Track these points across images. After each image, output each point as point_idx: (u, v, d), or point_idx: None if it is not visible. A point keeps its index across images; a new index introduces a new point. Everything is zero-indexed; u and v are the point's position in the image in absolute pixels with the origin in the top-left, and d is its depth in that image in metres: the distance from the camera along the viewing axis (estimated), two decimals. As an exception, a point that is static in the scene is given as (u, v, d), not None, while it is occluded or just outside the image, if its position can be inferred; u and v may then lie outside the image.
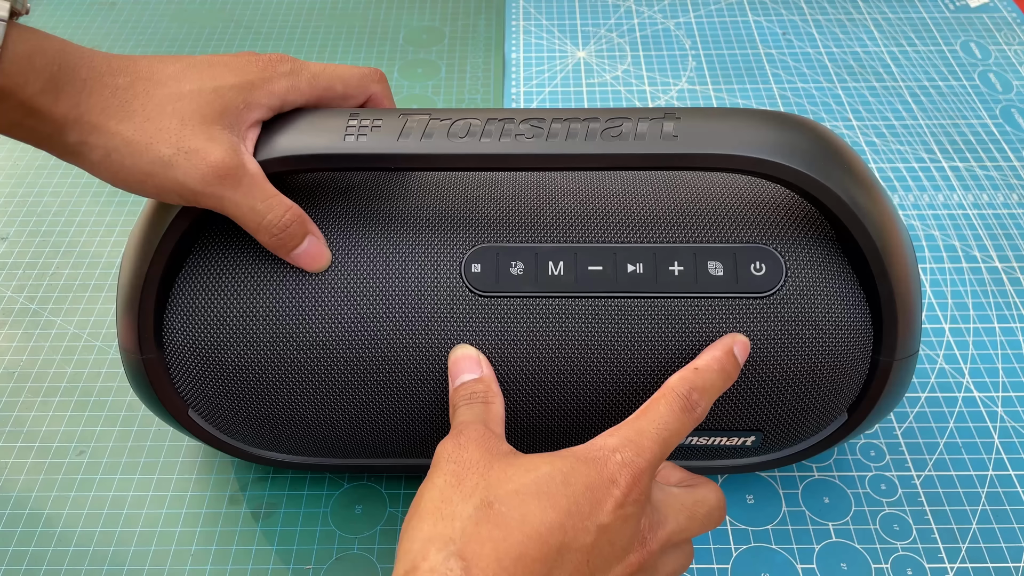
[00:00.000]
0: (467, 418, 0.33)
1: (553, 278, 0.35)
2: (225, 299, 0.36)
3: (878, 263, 0.34)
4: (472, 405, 0.34)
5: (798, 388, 0.36)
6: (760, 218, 0.36)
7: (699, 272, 0.35)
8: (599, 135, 0.33)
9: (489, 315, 0.35)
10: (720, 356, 0.34)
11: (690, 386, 0.32)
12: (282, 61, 0.35)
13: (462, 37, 0.74)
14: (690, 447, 0.39)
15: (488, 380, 0.35)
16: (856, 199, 0.33)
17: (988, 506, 0.43)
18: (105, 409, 0.48)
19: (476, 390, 0.34)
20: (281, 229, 0.34)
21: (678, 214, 0.36)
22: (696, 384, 0.33)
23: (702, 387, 0.33)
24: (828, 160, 0.34)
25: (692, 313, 0.35)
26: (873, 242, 0.34)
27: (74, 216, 0.59)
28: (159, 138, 0.32)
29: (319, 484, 0.44)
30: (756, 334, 0.35)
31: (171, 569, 0.41)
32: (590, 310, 0.35)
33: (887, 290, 0.34)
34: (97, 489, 0.44)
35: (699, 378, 0.33)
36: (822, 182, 0.33)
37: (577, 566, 0.29)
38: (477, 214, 0.37)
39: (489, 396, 0.34)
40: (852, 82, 0.69)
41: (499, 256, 0.36)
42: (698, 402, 0.32)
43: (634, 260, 0.35)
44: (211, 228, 0.37)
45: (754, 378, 0.36)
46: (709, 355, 0.34)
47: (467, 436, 0.32)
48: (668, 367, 0.35)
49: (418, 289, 0.35)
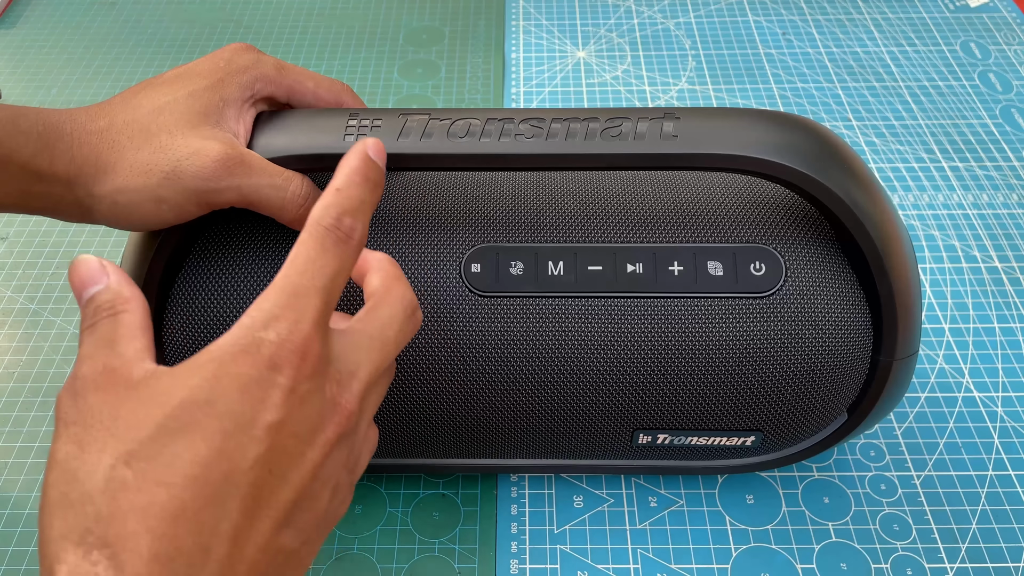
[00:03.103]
0: (86, 350, 0.26)
1: (553, 278, 0.35)
2: (225, 298, 0.36)
3: (878, 263, 0.34)
4: (94, 328, 0.26)
5: (798, 388, 0.36)
6: (760, 218, 0.36)
7: (699, 272, 0.35)
8: (599, 135, 0.33)
9: (489, 315, 0.35)
10: (359, 166, 0.29)
11: (338, 211, 0.27)
12: (243, 51, 0.36)
13: (462, 37, 0.74)
14: (689, 447, 0.39)
15: (116, 284, 0.27)
16: (856, 199, 0.33)
17: (988, 506, 0.43)
18: (105, 409, 0.48)
19: (100, 303, 0.26)
20: (305, 198, 0.34)
21: (678, 214, 0.37)
22: (344, 206, 0.27)
23: (352, 208, 0.28)
24: (828, 160, 0.34)
25: (692, 313, 0.35)
26: (873, 242, 0.34)
27: (74, 216, 0.59)
28: (155, 159, 0.32)
29: (319, 484, 0.44)
30: (756, 334, 0.35)
31: (171, 569, 0.41)
32: (590, 310, 0.35)
33: (887, 290, 0.34)
34: (97, 489, 0.44)
35: (344, 199, 0.28)
36: (822, 182, 0.33)
37: (256, 483, 0.24)
38: (477, 214, 0.37)
39: (117, 304, 0.26)
40: (852, 82, 0.69)
41: (499, 256, 0.36)
42: (353, 227, 0.27)
43: (634, 260, 0.35)
44: (210, 229, 0.37)
45: (754, 378, 0.36)
46: (346, 168, 0.29)
47: (83, 379, 0.25)
48: (668, 367, 0.35)
49: (418, 289, 0.35)
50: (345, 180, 0.28)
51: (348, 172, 0.28)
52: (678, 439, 0.38)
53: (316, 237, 0.27)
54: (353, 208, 0.28)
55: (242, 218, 0.37)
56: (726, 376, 0.36)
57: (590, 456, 0.41)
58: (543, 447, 0.39)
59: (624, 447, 0.39)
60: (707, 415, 0.37)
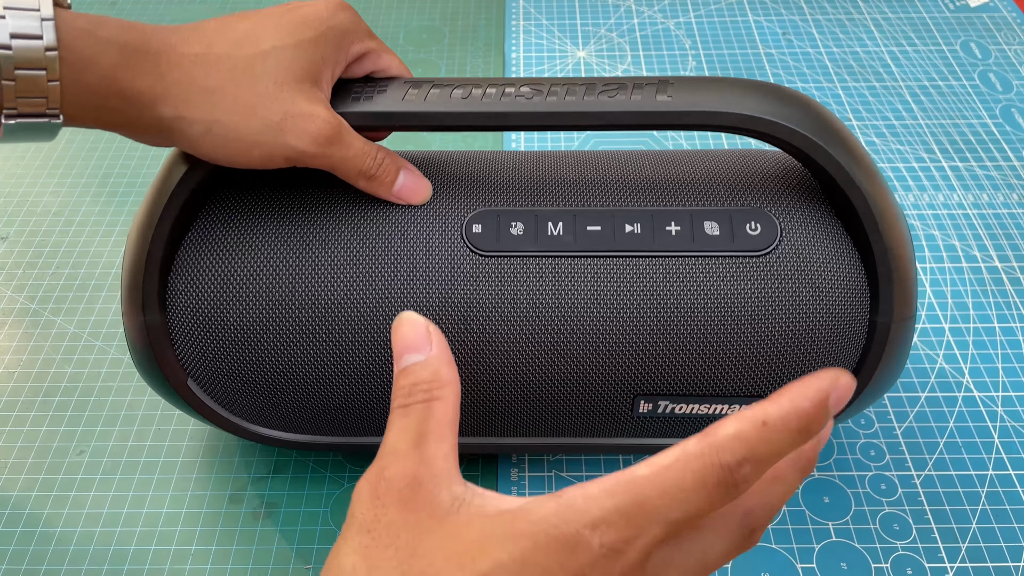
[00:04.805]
0: (397, 439, 0.26)
1: (552, 238, 0.36)
2: (229, 259, 0.36)
3: (870, 219, 0.35)
4: (407, 412, 0.26)
5: (797, 348, 0.36)
6: (754, 185, 0.38)
7: (695, 232, 0.36)
8: (596, 95, 0.35)
9: (489, 274, 0.36)
10: (808, 411, 0.22)
11: (745, 454, 0.22)
12: (343, 8, 0.35)
13: (462, 37, 0.74)
14: (691, 418, 0.39)
15: (435, 361, 0.28)
16: (845, 155, 0.35)
17: (988, 506, 0.43)
18: (105, 409, 0.48)
19: (419, 380, 0.27)
20: (377, 167, 0.35)
21: (674, 182, 0.38)
22: (755, 452, 0.22)
23: (764, 458, 0.22)
24: (817, 120, 0.36)
25: (689, 271, 0.36)
26: (865, 199, 0.35)
27: (74, 216, 0.59)
28: (261, 103, 0.32)
29: (319, 484, 0.44)
30: (753, 292, 0.36)
31: (171, 569, 0.41)
32: (589, 269, 0.36)
33: (880, 247, 0.35)
34: (97, 489, 0.44)
35: (764, 441, 0.22)
36: (813, 138, 0.35)
37: None
38: (478, 182, 0.38)
39: (435, 387, 0.27)
40: (852, 82, 0.69)
41: (500, 218, 0.37)
42: (747, 478, 0.22)
43: (632, 221, 0.37)
44: (219, 193, 0.38)
45: (753, 337, 0.36)
46: (792, 408, 0.22)
47: (388, 482, 0.25)
48: (667, 326, 0.36)
49: (420, 249, 0.36)
50: (782, 419, 0.22)
51: (791, 411, 0.22)
52: (679, 407, 0.38)
53: (706, 467, 0.22)
54: (765, 458, 0.22)
55: (253, 184, 0.38)
56: (725, 335, 0.36)
57: (591, 432, 0.40)
58: (543, 419, 0.39)
59: (625, 418, 0.39)
60: (707, 378, 0.37)
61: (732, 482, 0.22)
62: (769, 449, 0.22)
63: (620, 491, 0.22)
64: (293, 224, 0.37)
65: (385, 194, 0.37)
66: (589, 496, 0.22)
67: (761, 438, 0.22)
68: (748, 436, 0.22)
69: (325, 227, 0.37)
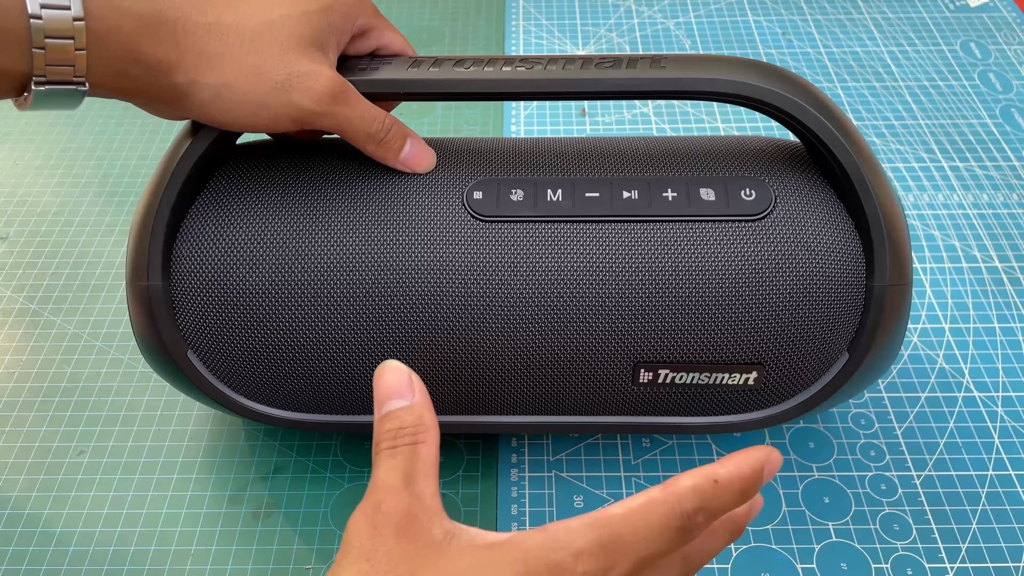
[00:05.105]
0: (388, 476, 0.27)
1: (551, 203, 0.37)
2: (234, 225, 0.37)
3: (861, 183, 0.36)
4: (395, 454, 0.28)
5: (794, 313, 0.37)
6: (748, 156, 0.39)
7: (691, 197, 0.38)
8: (593, 66, 0.37)
9: (489, 239, 0.37)
10: (748, 476, 0.27)
11: (700, 504, 0.26)
12: None
13: (462, 37, 0.74)
14: (692, 389, 0.39)
15: (419, 407, 0.29)
16: (834, 121, 0.36)
17: (988, 506, 0.43)
18: (105, 409, 0.48)
19: (405, 424, 0.29)
20: (385, 132, 0.37)
21: (670, 155, 0.40)
22: (708, 503, 0.26)
23: (712, 508, 0.26)
24: (806, 90, 0.37)
25: (686, 236, 0.37)
26: (855, 163, 0.36)
27: (74, 216, 0.59)
28: (268, 66, 0.33)
29: (319, 484, 0.44)
30: (749, 256, 0.37)
31: (171, 569, 0.41)
32: (587, 234, 0.37)
33: (873, 211, 0.36)
34: (97, 489, 0.44)
35: (715, 496, 0.26)
36: (803, 104, 0.36)
37: None
38: (480, 157, 0.40)
39: (420, 431, 0.29)
40: (852, 82, 0.69)
41: (500, 185, 0.38)
42: (699, 525, 0.26)
43: (629, 188, 0.38)
44: (226, 165, 0.39)
45: (750, 301, 0.37)
46: (736, 471, 0.27)
47: (386, 515, 0.26)
48: (665, 290, 0.37)
49: (422, 214, 0.37)
50: (728, 479, 0.26)
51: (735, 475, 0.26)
52: (680, 378, 0.38)
53: (668, 513, 0.26)
54: (713, 509, 0.26)
55: (259, 156, 0.39)
56: (722, 300, 0.37)
57: (593, 408, 0.40)
58: (544, 391, 0.39)
59: (627, 390, 0.39)
60: (706, 344, 0.37)
61: (688, 527, 0.26)
62: (718, 504, 0.26)
63: (599, 526, 0.25)
64: (297, 192, 0.38)
65: (392, 160, 0.38)
66: (572, 530, 0.25)
67: (713, 493, 0.26)
68: (704, 489, 0.26)
69: (329, 194, 0.38)
